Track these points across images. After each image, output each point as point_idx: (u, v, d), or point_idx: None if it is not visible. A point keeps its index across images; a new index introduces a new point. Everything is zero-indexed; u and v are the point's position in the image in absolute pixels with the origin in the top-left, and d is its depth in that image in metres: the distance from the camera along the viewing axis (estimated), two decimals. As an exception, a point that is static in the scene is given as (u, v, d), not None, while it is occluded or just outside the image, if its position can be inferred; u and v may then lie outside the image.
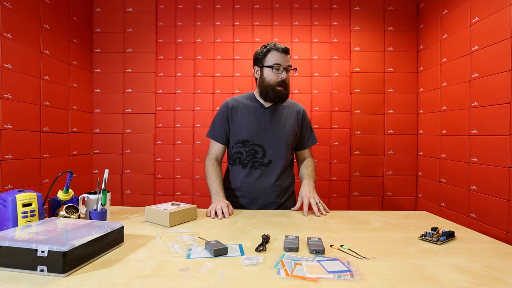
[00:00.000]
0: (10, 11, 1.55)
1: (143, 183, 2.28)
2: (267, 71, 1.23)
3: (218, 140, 1.32)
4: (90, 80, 2.28)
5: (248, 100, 1.33)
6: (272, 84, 1.23)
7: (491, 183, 1.47)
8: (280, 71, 1.22)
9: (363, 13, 2.25)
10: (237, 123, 1.29)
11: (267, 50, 1.24)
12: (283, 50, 1.22)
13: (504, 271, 0.67)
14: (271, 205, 1.29)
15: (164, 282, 0.60)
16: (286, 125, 1.30)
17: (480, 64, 1.56)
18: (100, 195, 1.00)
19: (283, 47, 1.23)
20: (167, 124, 2.31)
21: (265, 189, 1.28)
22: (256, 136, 1.27)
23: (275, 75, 1.22)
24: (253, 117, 1.29)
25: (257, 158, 1.27)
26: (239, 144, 1.28)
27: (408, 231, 0.96)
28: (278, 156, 1.28)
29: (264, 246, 0.79)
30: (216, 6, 2.30)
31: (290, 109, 1.34)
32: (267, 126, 1.28)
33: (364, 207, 2.22)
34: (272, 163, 1.28)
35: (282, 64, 1.22)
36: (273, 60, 1.22)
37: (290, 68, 1.24)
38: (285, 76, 1.22)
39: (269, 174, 1.28)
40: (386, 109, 2.23)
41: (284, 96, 1.25)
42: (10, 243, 0.63)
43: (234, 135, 1.30)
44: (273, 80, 1.22)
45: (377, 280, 0.62)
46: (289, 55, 1.25)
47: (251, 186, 1.28)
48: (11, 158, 1.53)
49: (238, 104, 1.31)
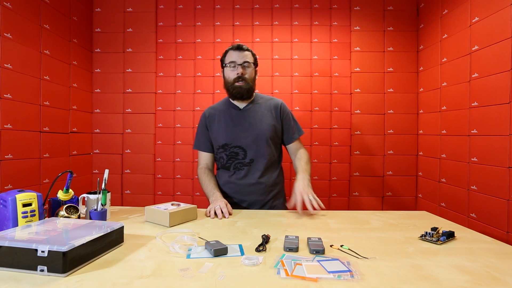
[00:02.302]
0: (10, 11, 1.55)
1: (143, 183, 2.28)
2: (226, 70, 1.30)
3: (204, 149, 1.37)
4: (90, 80, 2.28)
5: (224, 105, 1.37)
6: (230, 81, 1.28)
7: (491, 183, 1.47)
8: (236, 68, 1.26)
9: (363, 13, 2.25)
10: (215, 129, 1.33)
11: (225, 52, 1.31)
12: (237, 47, 1.28)
13: (504, 271, 0.67)
14: (256, 203, 1.29)
15: (164, 282, 0.60)
16: (263, 122, 1.31)
17: (480, 64, 1.56)
18: (100, 195, 1.00)
19: (237, 44, 1.29)
20: (167, 124, 2.31)
21: (249, 187, 1.28)
22: (234, 138, 1.29)
23: (231, 72, 1.28)
24: (229, 121, 1.31)
25: (239, 159, 1.29)
26: (220, 149, 1.31)
27: (408, 231, 0.96)
28: (259, 154, 1.29)
29: (264, 246, 0.79)
30: (216, 6, 2.30)
31: (266, 105, 1.36)
32: (245, 126, 1.30)
33: (364, 207, 2.22)
34: (253, 161, 1.29)
35: (236, 61, 1.26)
36: (229, 59, 1.28)
37: (248, 63, 1.27)
38: (241, 71, 1.26)
39: (252, 172, 1.29)
40: (386, 109, 2.23)
41: (245, 91, 1.28)
42: (10, 243, 0.64)
43: (214, 141, 1.34)
44: (230, 77, 1.28)
45: (377, 280, 0.62)
46: (246, 51, 1.29)
47: (235, 186, 1.30)
48: (11, 158, 1.54)
49: (215, 112, 1.36)
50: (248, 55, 1.29)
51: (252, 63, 1.29)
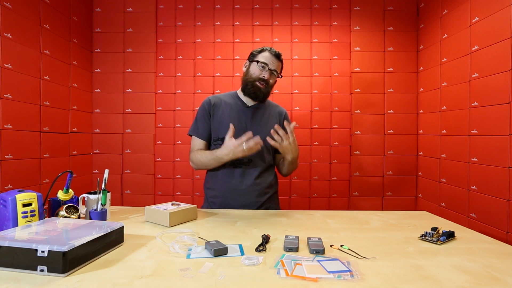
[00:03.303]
0: (10, 11, 1.55)
1: (143, 183, 2.28)
2: (254, 66, 1.28)
3: (201, 136, 1.30)
4: (90, 80, 2.28)
5: (231, 98, 1.35)
6: (253, 78, 1.27)
7: (491, 183, 1.47)
8: (265, 70, 1.26)
9: (363, 13, 2.25)
10: (218, 120, 1.29)
11: (262, 49, 1.31)
12: (276, 54, 1.28)
13: (504, 271, 0.67)
14: (251, 205, 1.27)
15: (164, 282, 0.60)
16: (268, 125, 1.31)
17: (480, 64, 1.56)
18: (100, 195, 1.00)
19: (277, 52, 1.29)
20: (167, 124, 2.31)
21: (245, 188, 1.26)
22: (237, 134, 1.24)
23: (258, 71, 1.27)
24: (234, 115, 1.29)
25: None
26: (219, 141, 1.27)
27: (408, 231, 0.96)
28: (259, 155, 1.28)
29: (264, 246, 0.79)
30: (216, 6, 2.30)
31: (272, 110, 1.37)
32: (248, 124, 1.29)
33: (364, 207, 2.22)
34: (252, 162, 1.28)
35: (269, 65, 1.26)
36: (263, 58, 1.28)
37: (276, 73, 1.28)
38: (268, 75, 1.26)
39: (250, 173, 1.27)
40: (386, 109, 2.23)
41: (262, 94, 1.28)
42: (10, 243, 0.63)
43: (214, 132, 1.29)
44: (255, 74, 1.27)
45: (377, 280, 0.62)
46: (280, 62, 1.30)
47: (231, 185, 1.27)
48: (11, 158, 1.54)
49: (220, 102, 1.33)
50: (280, 66, 1.31)
51: (279, 75, 1.31)
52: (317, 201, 2.25)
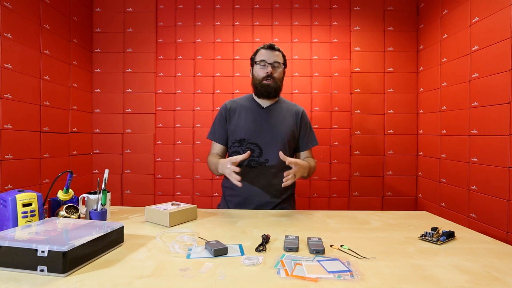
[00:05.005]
0: (10, 11, 1.55)
1: (143, 183, 2.28)
2: (256, 68, 1.32)
3: (218, 141, 1.37)
4: (90, 80, 2.28)
5: (247, 101, 1.38)
6: (259, 79, 1.31)
7: (491, 183, 1.47)
8: (266, 67, 1.29)
9: (363, 13, 2.25)
10: (234, 123, 1.33)
11: (256, 50, 1.34)
12: (268, 46, 1.31)
13: (504, 271, 0.67)
14: (267, 205, 1.28)
15: (164, 282, 0.60)
16: (284, 125, 1.32)
17: (480, 64, 1.56)
18: (100, 195, 1.00)
19: (269, 44, 1.31)
20: (167, 124, 2.31)
21: (261, 188, 1.28)
22: (253, 135, 1.29)
23: (261, 70, 1.30)
24: (250, 117, 1.32)
25: (253, 157, 1.29)
26: (236, 144, 1.31)
27: (408, 231, 0.96)
28: (275, 155, 1.27)
29: (264, 246, 0.79)
30: (216, 6, 2.30)
31: (288, 109, 1.37)
32: (265, 125, 1.31)
33: (364, 207, 2.22)
34: (268, 162, 1.29)
35: (267, 60, 1.29)
36: (260, 57, 1.31)
37: (278, 63, 1.30)
38: (271, 70, 1.28)
39: (266, 173, 1.28)
40: (386, 109, 2.23)
41: (273, 89, 1.30)
42: (10, 243, 0.64)
43: (231, 135, 1.33)
44: (259, 75, 1.30)
45: (377, 280, 0.62)
46: (277, 52, 1.31)
47: (246, 184, 1.27)
48: (11, 158, 1.53)
49: (236, 105, 1.37)
50: (279, 55, 1.31)
51: (282, 63, 1.32)
52: (317, 201, 2.25)
